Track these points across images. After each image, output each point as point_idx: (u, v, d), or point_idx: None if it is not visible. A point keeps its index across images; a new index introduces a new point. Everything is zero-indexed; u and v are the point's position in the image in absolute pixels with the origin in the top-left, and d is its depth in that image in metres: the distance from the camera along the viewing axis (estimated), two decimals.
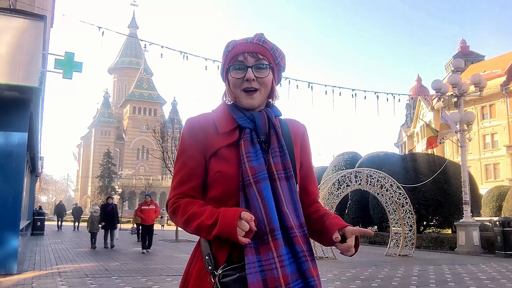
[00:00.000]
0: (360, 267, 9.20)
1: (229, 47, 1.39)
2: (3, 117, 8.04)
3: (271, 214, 1.23)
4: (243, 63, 1.35)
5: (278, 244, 1.21)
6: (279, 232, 1.23)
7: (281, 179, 1.30)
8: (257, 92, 1.35)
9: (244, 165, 1.28)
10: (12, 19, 7.51)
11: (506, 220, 12.24)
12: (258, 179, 1.26)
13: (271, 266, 1.19)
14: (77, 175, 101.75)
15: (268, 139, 1.36)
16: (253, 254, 1.21)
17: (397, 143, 66.46)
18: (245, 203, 1.26)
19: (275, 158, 1.32)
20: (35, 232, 20.33)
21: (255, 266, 1.19)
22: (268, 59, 1.36)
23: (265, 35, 1.40)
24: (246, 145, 1.31)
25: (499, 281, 7.39)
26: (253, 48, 1.35)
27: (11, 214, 8.04)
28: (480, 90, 14.15)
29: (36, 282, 6.88)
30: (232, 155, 1.32)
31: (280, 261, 1.20)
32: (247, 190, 1.26)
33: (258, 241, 1.22)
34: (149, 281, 7.08)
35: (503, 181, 35.41)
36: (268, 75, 1.36)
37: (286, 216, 1.26)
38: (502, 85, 38.41)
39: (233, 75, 1.36)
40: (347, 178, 11.54)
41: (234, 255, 1.25)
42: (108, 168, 67.99)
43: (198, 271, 1.30)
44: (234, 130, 1.35)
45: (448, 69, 52.23)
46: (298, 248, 1.24)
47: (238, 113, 1.37)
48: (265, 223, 1.23)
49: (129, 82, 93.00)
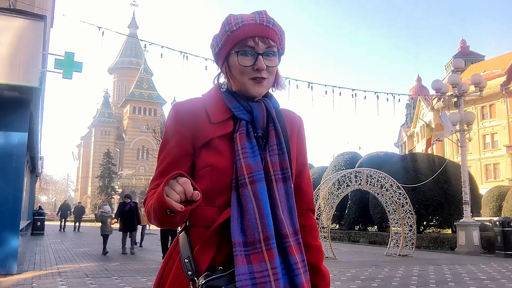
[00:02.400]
0: (360, 267, 9.19)
1: (233, 25, 1.20)
2: (3, 117, 8.04)
3: (266, 219, 1.11)
4: (253, 49, 1.18)
5: (272, 254, 1.09)
6: (273, 240, 1.10)
7: (278, 180, 1.17)
8: (265, 80, 1.22)
9: (240, 162, 1.14)
10: (12, 19, 7.51)
11: (506, 220, 12.24)
12: (254, 179, 1.13)
13: (264, 279, 1.06)
14: (77, 175, 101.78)
15: (265, 135, 1.22)
16: (244, 264, 1.07)
17: (397, 143, 66.45)
18: (237, 204, 1.13)
19: (273, 157, 1.18)
20: (35, 232, 20.33)
21: (246, 278, 1.06)
22: (276, 45, 1.22)
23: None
24: (242, 139, 1.17)
25: (499, 281, 7.39)
26: (264, 32, 1.19)
27: (11, 214, 8.04)
28: (480, 90, 14.15)
29: (36, 282, 6.88)
30: (225, 148, 1.18)
31: (274, 273, 1.07)
32: (241, 190, 1.13)
33: (249, 249, 1.09)
34: (149, 281, 7.08)
35: (503, 181, 35.39)
36: (277, 64, 1.23)
37: (281, 223, 1.13)
38: (502, 85, 38.38)
39: (241, 62, 1.19)
40: (347, 178, 11.54)
41: (218, 260, 1.13)
42: (108, 168, 67.94)
43: (174, 276, 1.16)
44: (227, 120, 1.21)
45: (448, 69, 52.21)
46: (291, 260, 1.12)
47: (234, 102, 1.22)
48: (258, 230, 1.09)
49: (129, 82, 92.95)
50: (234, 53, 1.20)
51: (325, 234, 11.36)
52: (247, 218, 1.11)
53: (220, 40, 1.23)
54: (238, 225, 1.11)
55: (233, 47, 1.20)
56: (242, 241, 1.10)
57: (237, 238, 1.09)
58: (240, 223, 1.12)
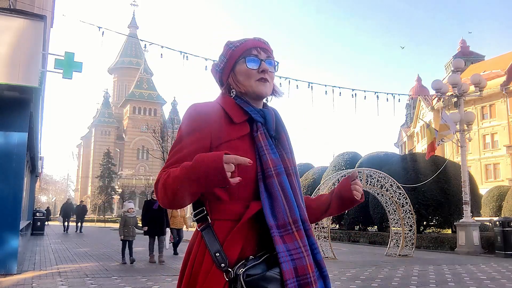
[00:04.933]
0: (360, 267, 9.19)
1: (235, 43, 1.43)
2: (3, 117, 8.04)
3: (293, 205, 1.28)
4: (257, 56, 1.40)
5: (302, 234, 1.26)
6: (301, 223, 1.28)
7: (293, 174, 1.36)
8: (268, 83, 1.41)
9: (265, 156, 1.30)
10: (12, 19, 7.50)
11: (506, 220, 12.25)
12: (278, 171, 1.30)
13: (299, 255, 1.23)
14: (77, 175, 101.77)
15: (277, 136, 1.41)
16: (281, 243, 1.22)
17: (397, 143, 66.46)
18: (266, 193, 1.27)
19: (288, 154, 1.38)
20: (35, 232, 20.33)
21: (286, 255, 1.21)
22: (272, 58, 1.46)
23: (264, 38, 1.48)
24: (264, 138, 1.34)
25: (499, 281, 7.39)
26: (263, 45, 1.43)
27: (11, 214, 8.03)
28: (480, 90, 14.15)
29: (36, 282, 6.88)
30: (245, 147, 1.32)
31: (306, 250, 1.25)
32: (268, 181, 1.28)
33: (282, 230, 1.25)
34: (149, 281, 7.08)
35: (503, 181, 35.41)
36: (275, 71, 1.45)
37: (301, 209, 1.32)
38: (502, 85, 38.39)
39: (249, 66, 1.39)
40: None
41: (248, 249, 1.25)
42: (108, 168, 67.94)
43: (205, 269, 1.22)
44: (244, 122, 1.36)
45: (448, 69, 52.23)
46: (313, 240, 1.31)
47: (249, 107, 1.38)
48: (287, 214, 1.26)
49: (129, 82, 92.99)
50: (242, 60, 1.40)
51: (325, 234, 11.36)
52: (277, 204, 1.26)
53: (224, 57, 1.44)
54: (269, 211, 1.25)
55: (240, 56, 1.41)
56: (275, 224, 1.24)
57: (271, 221, 1.24)
58: (270, 210, 1.26)
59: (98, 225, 40.08)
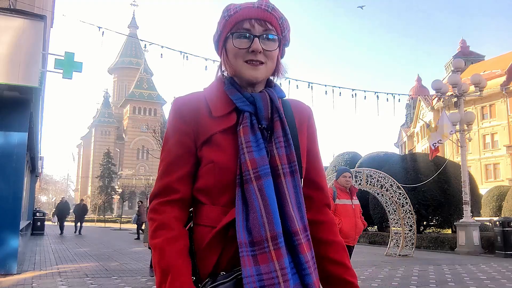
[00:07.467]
0: (360, 267, 9.19)
1: (230, 11, 1.16)
2: (3, 117, 8.04)
3: (274, 217, 1.04)
4: (249, 31, 1.14)
5: (280, 254, 1.02)
6: (281, 239, 1.03)
7: (285, 174, 1.10)
8: (263, 65, 1.15)
9: (244, 157, 1.08)
10: (12, 19, 7.50)
11: (506, 220, 12.25)
12: (259, 174, 1.06)
13: (272, 281, 1.00)
14: (77, 175, 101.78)
15: (270, 126, 1.15)
16: (251, 265, 1.01)
17: (397, 143, 66.48)
18: (242, 201, 1.06)
19: (279, 149, 1.11)
20: (35, 232, 20.33)
21: (254, 280, 0.99)
22: (276, 30, 1.17)
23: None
24: (246, 132, 1.10)
25: (499, 281, 7.38)
26: (261, 15, 1.14)
27: (11, 214, 8.03)
28: (480, 90, 14.14)
29: (36, 282, 6.88)
30: (228, 143, 1.12)
31: (283, 274, 1.01)
32: (245, 187, 1.06)
33: (256, 249, 1.02)
34: (149, 281, 7.08)
35: (503, 181, 35.42)
36: (276, 49, 1.17)
37: (291, 220, 1.07)
38: (502, 85, 38.41)
39: (236, 44, 1.14)
40: None
41: (223, 262, 1.07)
42: (108, 168, 67.98)
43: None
44: (230, 113, 1.15)
45: (448, 69, 52.22)
46: (302, 259, 1.06)
47: (236, 93, 1.16)
48: (265, 228, 1.03)
49: (129, 82, 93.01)
50: (230, 36, 1.16)
51: None
52: (253, 216, 1.04)
53: (219, 27, 1.20)
54: (243, 224, 1.04)
55: (229, 30, 1.16)
56: (248, 240, 1.03)
57: (242, 237, 1.03)
58: (245, 222, 1.05)
59: (98, 225, 40.06)
